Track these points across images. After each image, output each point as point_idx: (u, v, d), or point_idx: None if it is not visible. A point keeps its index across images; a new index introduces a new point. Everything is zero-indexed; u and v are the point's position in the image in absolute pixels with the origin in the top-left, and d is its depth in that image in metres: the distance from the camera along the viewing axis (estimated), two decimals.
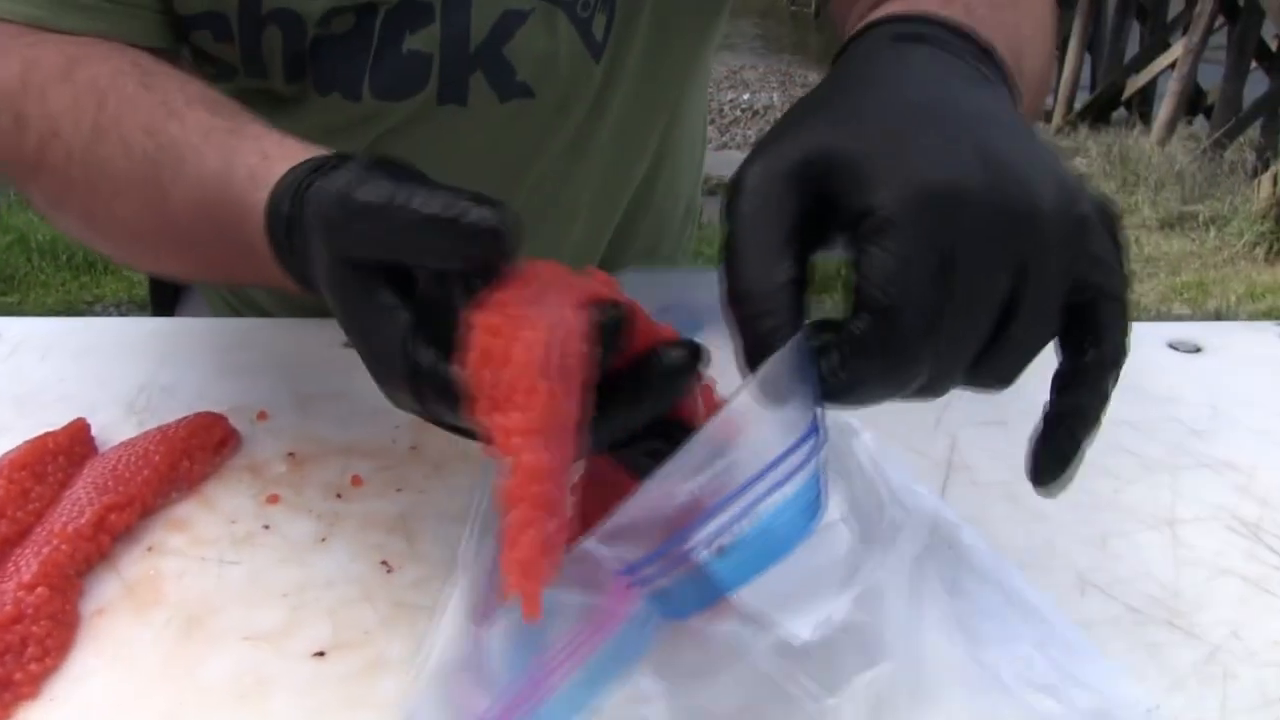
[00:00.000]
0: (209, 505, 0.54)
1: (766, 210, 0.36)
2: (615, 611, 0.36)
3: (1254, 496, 0.56)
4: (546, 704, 0.36)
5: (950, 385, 0.36)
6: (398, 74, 0.66)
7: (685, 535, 0.35)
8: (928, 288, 0.33)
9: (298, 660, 0.45)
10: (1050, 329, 0.36)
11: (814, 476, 0.36)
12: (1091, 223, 0.35)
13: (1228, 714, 0.43)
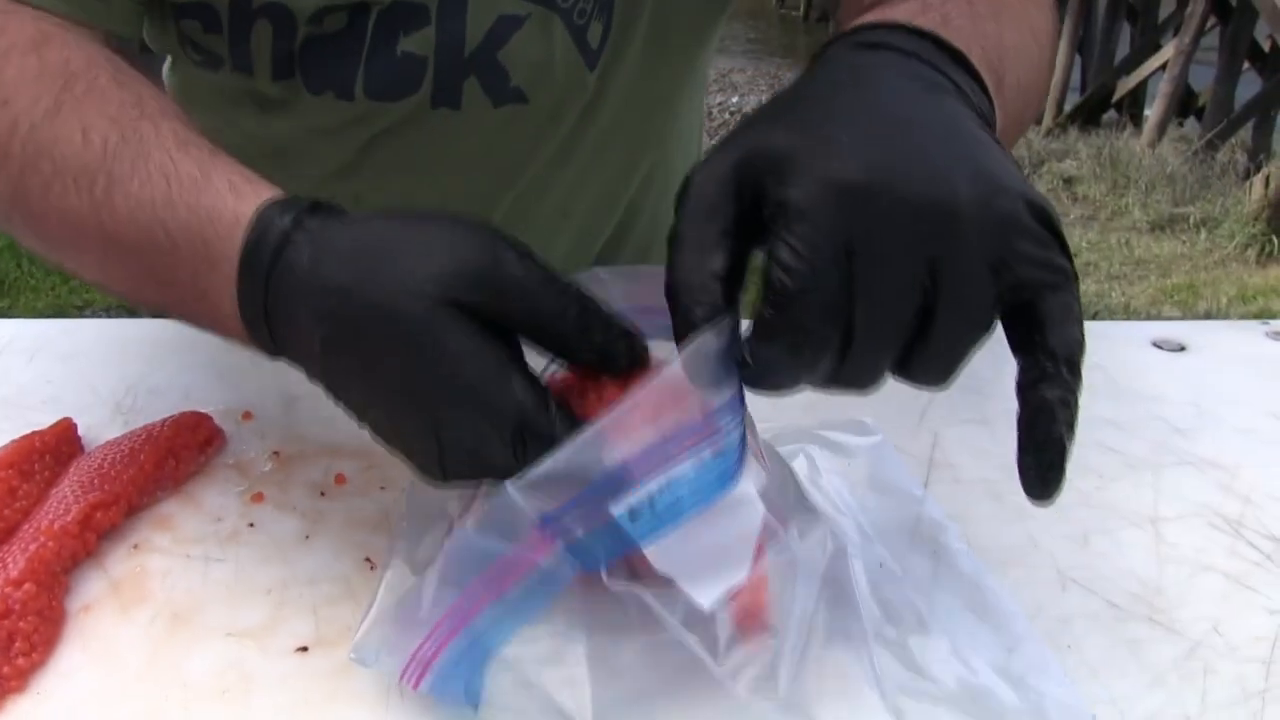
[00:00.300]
0: (194, 503, 0.54)
1: (705, 208, 0.37)
2: (531, 558, 0.38)
3: (1236, 494, 0.57)
4: (460, 639, 0.39)
5: (875, 378, 0.37)
6: (392, 75, 0.66)
7: (600, 489, 0.37)
8: (829, 274, 0.34)
9: (281, 656, 0.45)
10: (979, 327, 0.36)
11: (729, 449, 0.38)
12: (1018, 219, 0.35)
13: (1208, 709, 0.43)
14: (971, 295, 0.35)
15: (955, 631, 0.44)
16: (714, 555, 0.39)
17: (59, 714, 0.42)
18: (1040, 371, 0.36)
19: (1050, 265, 0.36)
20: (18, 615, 0.44)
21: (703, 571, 0.39)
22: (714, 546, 0.39)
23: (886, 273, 0.34)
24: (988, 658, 0.43)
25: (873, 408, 0.63)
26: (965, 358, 0.36)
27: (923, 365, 0.36)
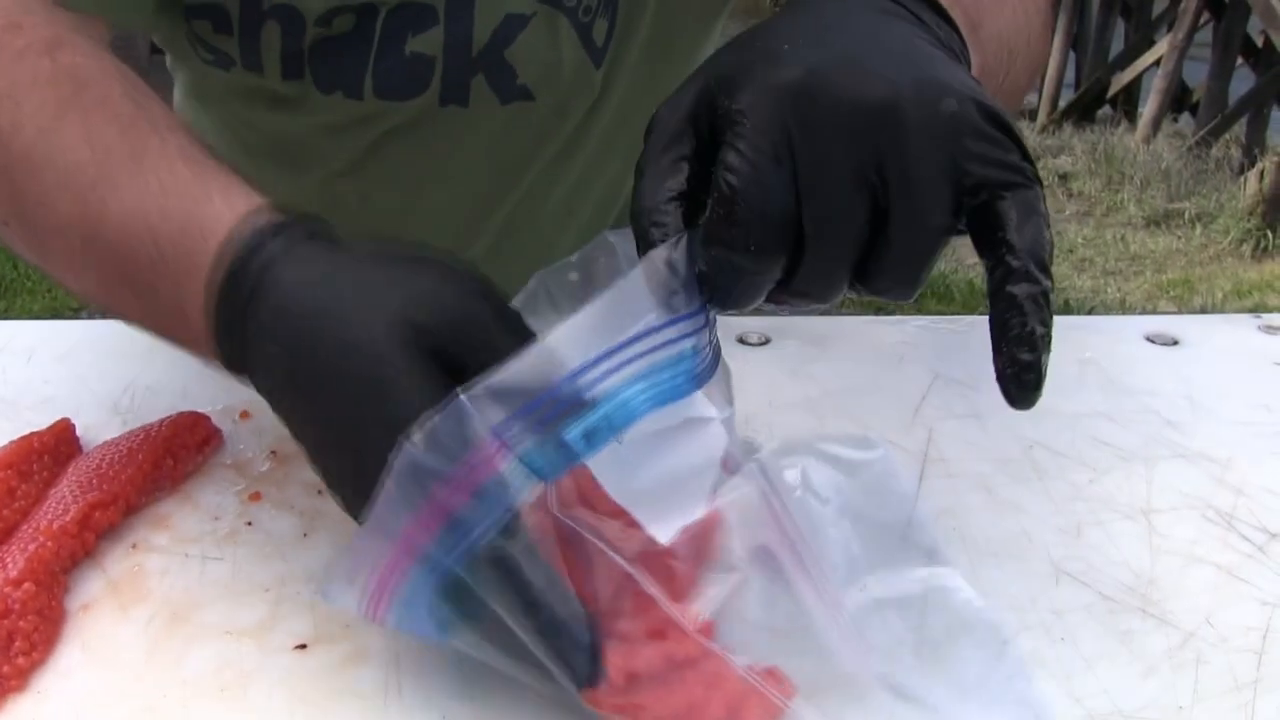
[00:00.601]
0: (192, 503, 0.54)
1: (666, 136, 0.38)
2: (482, 470, 0.37)
3: (1229, 486, 0.57)
4: (417, 565, 0.38)
5: (832, 285, 0.36)
6: (400, 75, 0.66)
7: (552, 397, 0.36)
8: (770, 172, 0.34)
9: (280, 653, 0.45)
10: (935, 230, 0.35)
11: (685, 357, 0.38)
12: (968, 118, 0.35)
13: (1200, 699, 0.43)
14: (923, 195, 0.34)
15: (937, 661, 0.43)
16: (673, 485, 0.38)
17: (59, 712, 0.42)
18: (1006, 269, 0.35)
19: (1006, 165, 0.35)
20: (17, 614, 0.44)
21: (660, 503, 0.38)
22: (673, 475, 0.38)
23: (829, 170, 0.34)
24: (964, 689, 0.42)
25: (868, 404, 0.63)
26: (927, 265, 0.36)
27: (882, 273, 0.36)
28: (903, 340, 0.71)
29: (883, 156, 0.34)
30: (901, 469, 0.56)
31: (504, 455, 0.37)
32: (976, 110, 0.35)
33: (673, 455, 0.39)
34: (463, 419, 0.36)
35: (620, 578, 0.39)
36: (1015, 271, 0.35)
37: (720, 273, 0.36)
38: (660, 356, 0.37)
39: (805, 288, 0.36)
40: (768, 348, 0.70)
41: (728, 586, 0.40)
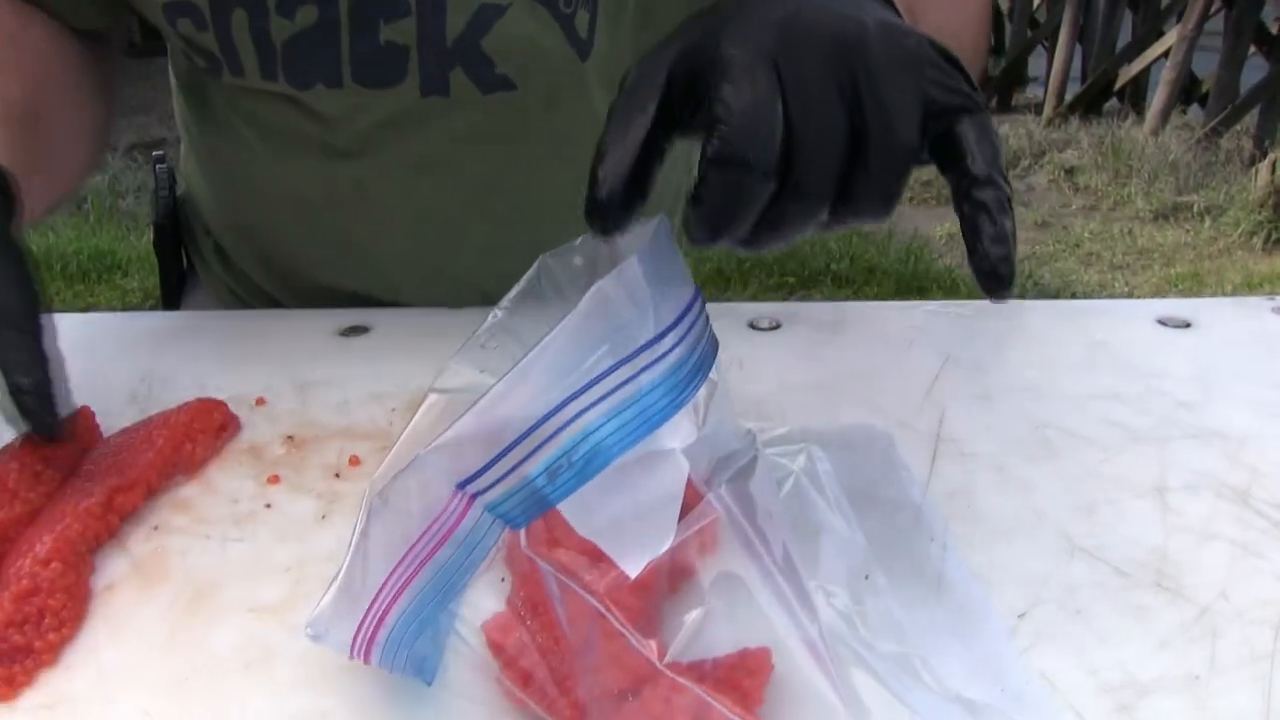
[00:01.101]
0: (211, 487, 0.55)
1: (640, 83, 0.40)
2: (451, 523, 0.38)
3: (1243, 464, 0.57)
4: (396, 616, 0.39)
5: (818, 208, 0.39)
6: (377, 63, 0.67)
7: (513, 446, 0.37)
8: (764, 95, 0.37)
9: (300, 631, 0.45)
10: (906, 147, 0.38)
11: (639, 397, 0.38)
12: (925, 51, 0.39)
13: (1216, 671, 0.43)
14: (895, 114, 0.38)
15: (933, 652, 0.43)
16: (637, 519, 0.39)
17: (88, 685, 0.43)
18: (972, 179, 0.39)
19: (961, 91, 0.39)
20: (46, 592, 0.45)
21: (627, 537, 0.38)
22: (636, 509, 0.39)
23: (813, 91, 0.37)
24: (963, 682, 0.42)
25: (879, 387, 0.64)
26: (900, 183, 0.39)
27: (862, 191, 0.38)
28: (912, 325, 0.71)
29: (858, 81, 0.38)
30: (906, 454, 0.56)
31: (471, 506, 0.38)
32: (931, 47, 0.40)
33: (635, 490, 0.39)
34: (425, 473, 0.38)
35: (590, 612, 0.39)
36: (978, 179, 0.39)
37: (721, 194, 0.38)
38: (624, 394, 0.37)
39: (793, 206, 0.38)
40: (778, 333, 0.71)
41: (695, 620, 0.40)
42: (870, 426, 0.59)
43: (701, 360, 0.40)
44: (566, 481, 0.38)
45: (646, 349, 0.38)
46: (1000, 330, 0.72)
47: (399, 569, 0.39)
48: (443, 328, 0.67)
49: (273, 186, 0.77)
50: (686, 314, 0.40)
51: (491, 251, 0.77)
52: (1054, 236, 4.28)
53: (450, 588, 0.40)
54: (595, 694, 0.39)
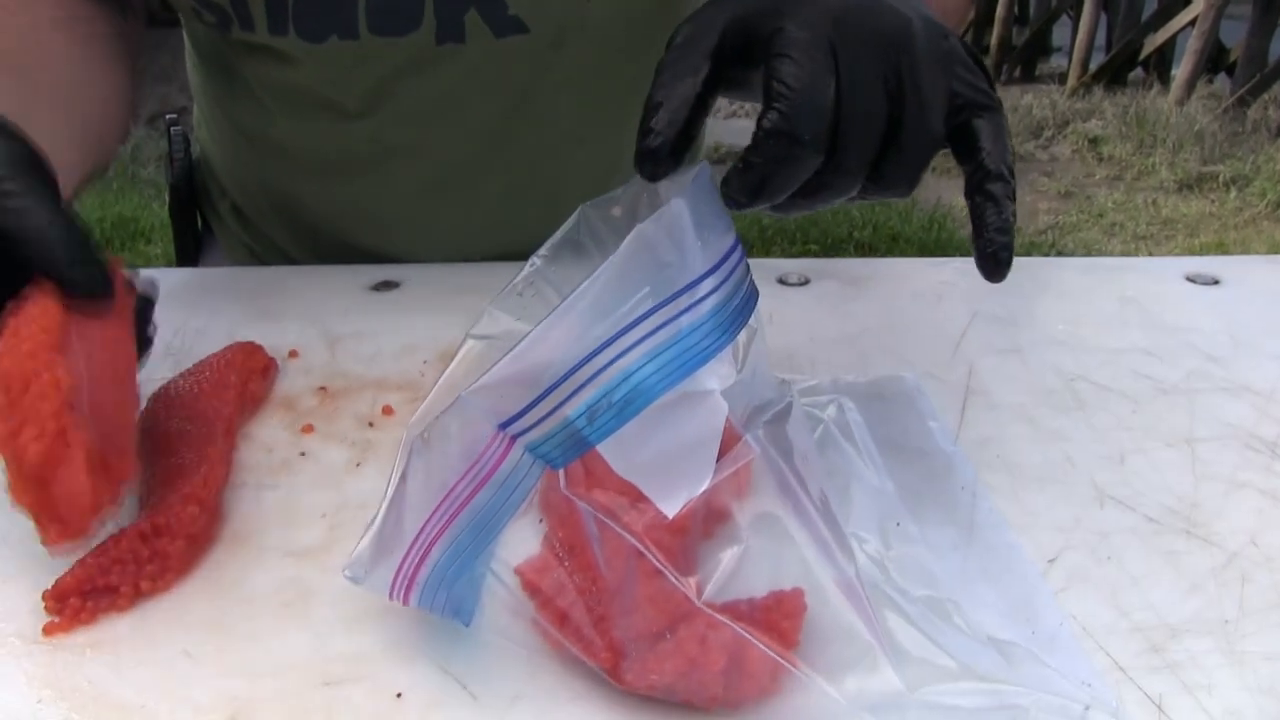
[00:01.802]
0: (246, 437, 0.56)
1: (695, 42, 0.43)
2: (492, 463, 0.39)
3: (1272, 417, 0.57)
4: (437, 556, 0.40)
5: (857, 175, 0.42)
6: (392, 11, 0.67)
7: (554, 387, 0.38)
8: (821, 75, 0.40)
9: (337, 573, 0.46)
10: (934, 135, 0.42)
11: (679, 339, 0.38)
12: (958, 52, 0.44)
13: (1246, 614, 0.44)
14: (928, 105, 0.42)
15: (964, 597, 0.44)
16: (676, 458, 0.39)
17: (130, 626, 0.44)
18: (984, 172, 0.43)
19: (983, 91, 0.44)
20: (170, 536, 0.46)
21: (665, 477, 0.39)
22: (675, 449, 0.39)
23: (862, 76, 0.41)
24: (995, 625, 0.43)
25: (909, 340, 0.64)
26: (925, 166, 0.43)
27: (892, 170, 0.42)
28: (941, 280, 0.71)
29: (901, 72, 0.41)
30: (936, 405, 0.56)
31: (512, 447, 0.39)
32: (962, 48, 0.44)
33: (673, 430, 0.39)
34: (467, 414, 0.38)
35: (629, 552, 0.39)
36: (990, 173, 0.43)
37: (774, 163, 0.40)
38: (664, 335, 0.38)
39: (832, 179, 0.41)
40: (808, 288, 0.71)
41: (733, 558, 0.40)
42: (901, 378, 0.59)
43: (743, 304, 0.41)
44: (606, 422, 0.38)
45: (686, 291, 0.39)
46: (1030, 287, 0.72)
47: (440, 509, 0.39)
48: (473, 283, 0.68)
49: (290, 146, 0.77)
50: (727, 258, 0.40)
51: (507, 200, 0.77)
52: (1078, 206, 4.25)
53: (490, 528, 0.40)
54: (631, 634, 0.39)
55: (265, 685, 0.41)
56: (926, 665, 0.40)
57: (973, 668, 0.40)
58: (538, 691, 0.41)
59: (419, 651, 0.42)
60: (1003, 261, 0.43)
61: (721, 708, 0.39)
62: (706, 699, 0.39)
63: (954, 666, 0.40)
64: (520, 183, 0.77)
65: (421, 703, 0.40)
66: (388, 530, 0.41)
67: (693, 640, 0.39)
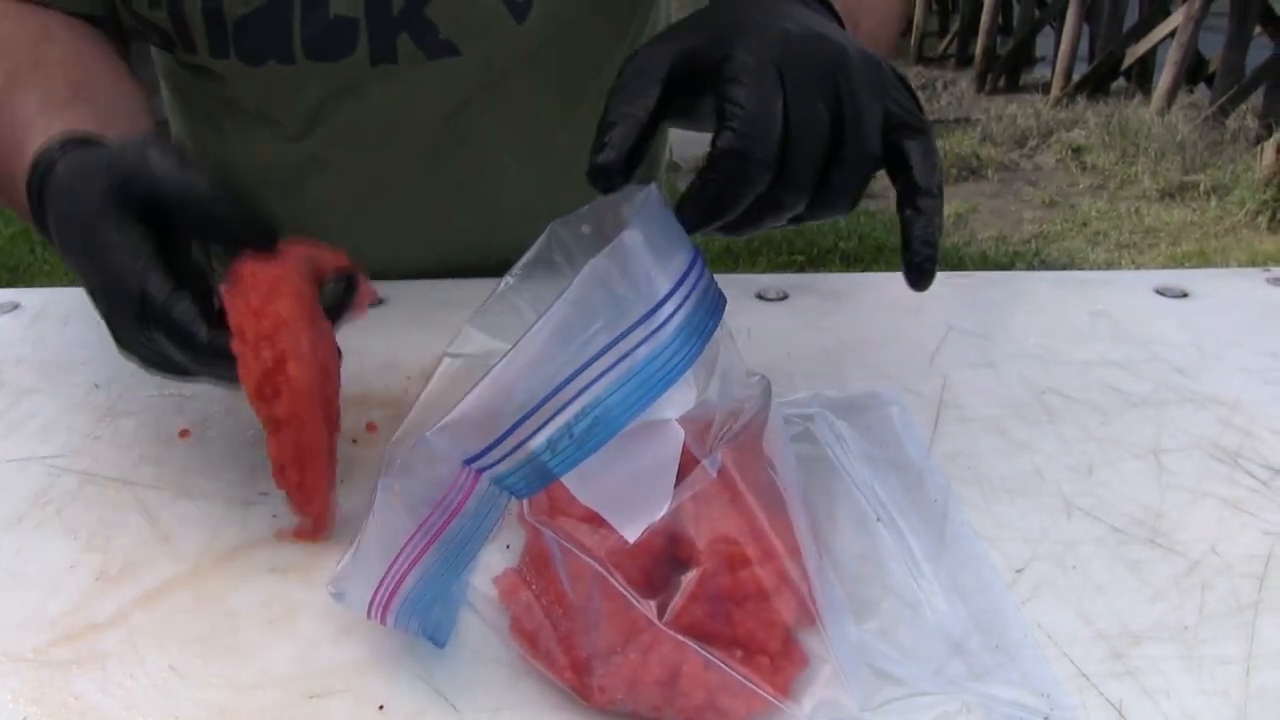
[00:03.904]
0: (231, 453, 0.57)
1: (646, 69, 0.45)
2: (459, 498, 0.40)
3: (1236, 428, 0.59)
4: (411, 584, 0.41)
5: (801, 198, 0.44)
6: (328, 36, 0.69)
7: (518, 424, 0.39)
8: (771, 100, 0.43)
9: (321, 588, 0.47)
10: (871, 154, 0.45)
11: (638, 370, 0.39)
12: (890, 76, 0.47)
13: (1205, 619, 0.45)
14: (866, 125, 0.44)
15: (931, 608, 0.45)
16: (635, 485, 0.40)
17: (118, 643, 0.44)
18: (914, 189, 0.46)
19: (914, 114, 0.47)
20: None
21: (625, 502, 0.40)
22: (634, 475, 0.40)
23: (807, 100, 0.43)
24: (960, 635, 0.44)
25: (885, 354, 0.65)
26: (864, 183, 0.45)
27: (834, 187, 0.44)
28: (917, 295, 0.72)
29: (840, 94, 0.44)
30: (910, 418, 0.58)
31: (478, 481, 0.40)
32: (894, 75, 0.47)
33: (632, 459, 0.40)
34: (433, 453, 0.40)
35: (591, 574, 0.41)
36: (919, 189, 0.46)
37: (729, 180, 0.42)
38: (622, 369, 0.39)
39: (782, 195, 0.44)
40: (785, 303, 0.72)
41: (691, 581, 0.41)
42: (879, 394, 0.60)
43: (709, 313, 0.42)
44: (570, 454, 0.39)
45: (643, 322, 0.39)
46: (1003, 300, 0.73)
47: (412, 541, 0.41)
48: (456, 298, 0.69)
49: (234, 161, 0.79)
50: (687, 275, 0.41)
51: (443, 214, 0.79)
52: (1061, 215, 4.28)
53: (461, 557, 0.41)
54: (595, 652, 0.40)
55: (250, 699, 0.42)
56: (888, 680, 0.41)
57: (937, 678, 0.41)
58: (519, 704, 0.41)
59: (402, 665, 0.43)
60: (926, 272, 0.46)
61: None
62: (673, 716, 0.40)
63: (916, 678, 0.41)
64: (455, 197, 0.79)
65: (404, 715, 0.41)
66: (366, 554, 0.42)
67: (638, 654, 0.40)
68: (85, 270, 0.49)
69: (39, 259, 3.38)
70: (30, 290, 0.76)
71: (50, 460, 0.57)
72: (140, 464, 0.56)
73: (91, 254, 0.48)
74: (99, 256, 0.47)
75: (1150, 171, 4.57)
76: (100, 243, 0.47)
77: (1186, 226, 4.17)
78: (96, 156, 0.51)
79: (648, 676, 0.40)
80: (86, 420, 0.60)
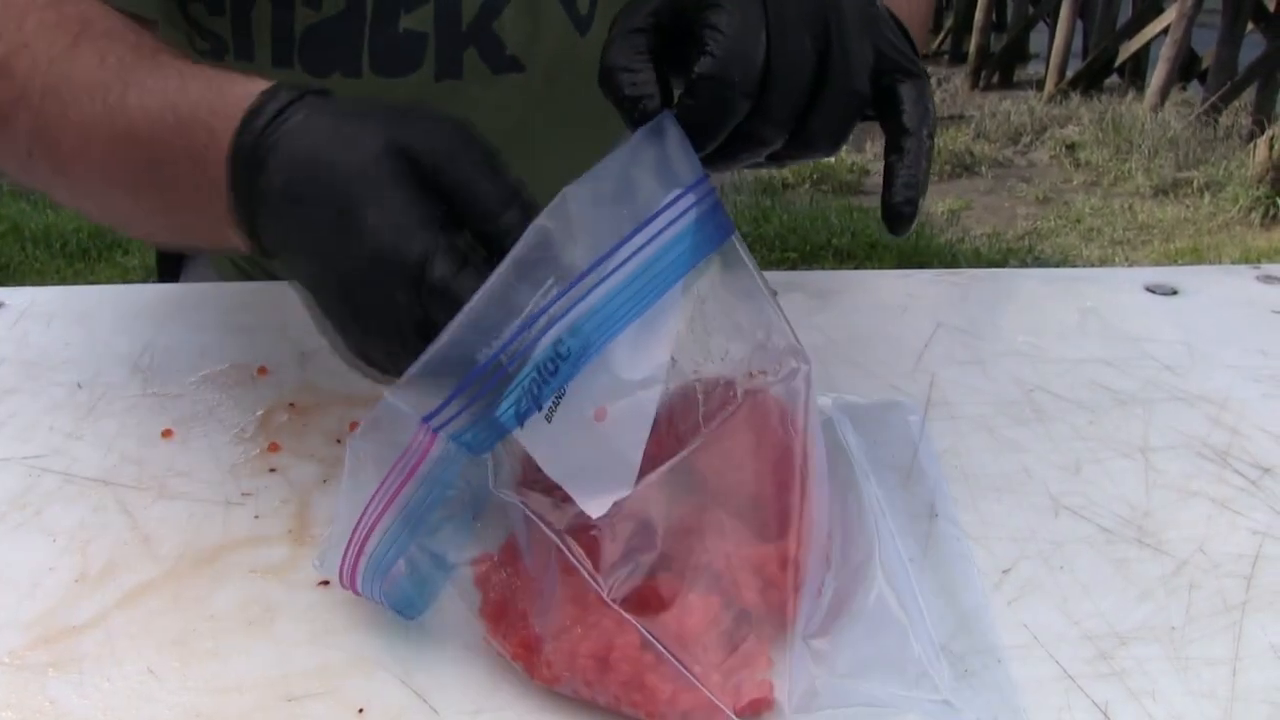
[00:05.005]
0: (213, 453, 0.56)
1: (635, 18, 0.44)
2: (418, 457, 0.40)
3: (1224, 426, 0.58)
4: (372, 547, 0.41)
5: (779, 134, 0.43)
6: (396, 52, 0.68)
7: (471, 378, 0.39)
8: (752, 28, 0.41)
9: (304, 590, 0.47)
10: (858, 93, 0.43)
11: (588, 317, 0.39)
12: (885, 17, 0.45)
13: (1191, 619, 0.45)
14: (853, 61, 0.43)
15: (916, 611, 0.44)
16: (602, 461, 0.40)
17: (96, 645, 0.44)
18: (901, 130, 0.44)
19: (908, 57, 0.45)
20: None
21: (592, 479, 0.40)
22: (602, 454, 0.40)
23: (790, 31, 0.42)
24: (946, 631, 0.43)
25: (873, 352, 0.65)
26: (850, 123, 0.44)
27: (816, 126, 0.43)
28: (906, 292, 0.72)
29: (829, 31, 0.43)
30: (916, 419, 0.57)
31: (435, 440, 0.40)
32: (889, 17, 0.46)
33: (602, 438, 0.40)
34: (393, 412, 0.40)
35: (549, 548, 0.41)
36: (908, 131, 0.44)
37: (706, 107, 0.41)
38: (570, 319, 0.39)
39: (759, 128, 0.43)
40: None
41: (643, 566, 0.41)
42: (900, 402, 0.59)
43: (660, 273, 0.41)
44: (524, 406, 0.39)
45: (589, 274, 0.39)
46: (992, 298, 0.73)
47: (373, 501, 0.41)
48: None
49: None
50: (641, 228, 0.40)
51: None
52: (1055, 212, 4.28)
53: (421, 518, 0.41)
54: (548, 627, 0.40)
55: (229, 702, 0.41)
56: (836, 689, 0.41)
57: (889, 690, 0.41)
58: (498, 705, 0.41)
59: (381, 666, 0.43)
60: (905, 215, 0.44)
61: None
62: (609, 697, 0.40)
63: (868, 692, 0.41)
64: None
65: (383, 717, 0.41)
66: (339, 520, 0.42)
67: (583, 629, 0.40)
68: (344, 233, 0.42)
69: (29, 257, 3.37)
70: (15, 289, 0.76)
71: (30, 460, 0.56)
72: (121, 464, 0.56)
73: (362, 216, 0.41)
74: (376, 219, 0.41)
75: (1144, 168, 4.58)
76: (385, 205, 0.41)
77: (1180, 223, 4.18)
78: (366, 112, 0.44)
79: (584, 650, 0.40)
80: (68, 420, 0.59)
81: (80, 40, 0.54)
